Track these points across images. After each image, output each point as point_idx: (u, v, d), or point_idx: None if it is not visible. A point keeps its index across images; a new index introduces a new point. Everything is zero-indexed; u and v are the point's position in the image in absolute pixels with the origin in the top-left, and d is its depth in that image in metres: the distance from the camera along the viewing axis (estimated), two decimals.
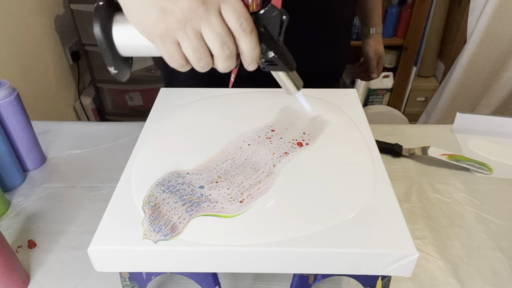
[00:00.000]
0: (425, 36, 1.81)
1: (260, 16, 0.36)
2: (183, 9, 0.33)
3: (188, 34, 0.34)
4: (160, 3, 0.34)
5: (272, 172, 0.42)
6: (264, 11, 0.36)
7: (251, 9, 0.36)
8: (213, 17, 0.34)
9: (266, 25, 0.37)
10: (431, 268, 0.50)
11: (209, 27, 0.34)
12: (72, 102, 1.67)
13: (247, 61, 0.37)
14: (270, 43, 0.38)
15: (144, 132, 0.49)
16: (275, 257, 0.35)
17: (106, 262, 0.36)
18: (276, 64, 0.39)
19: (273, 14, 0.36)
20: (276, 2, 0.36)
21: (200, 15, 0.34)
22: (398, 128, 0.75)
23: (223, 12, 0.34)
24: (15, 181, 0.61)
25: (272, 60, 0.38)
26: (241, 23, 0.35)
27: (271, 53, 0.38)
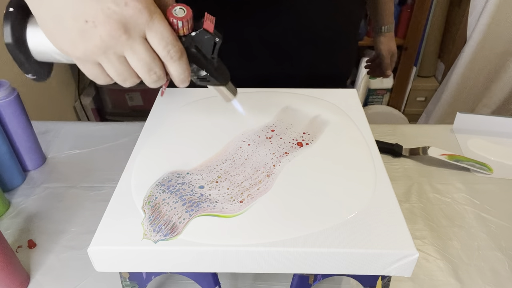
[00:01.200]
0: (425, 36, 1.81)
1: (192, 37, 0.35)
2: (102, 37, 0.30)
3: (110, 59, 0.32)
4: (77, 26, 0.30)
5: (272, 172, 0.42)
6: (196, 34, 0.35)
7: (181, 32, 0.34)
8: (137, 44, 0.31)
9: (198, 46, 0.36)
10: (431, 268, 0.50)
11: (134, 54, 0.32)
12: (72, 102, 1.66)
13: (177, 82, 0.36)
14: (202, 63, 0.37)
15: (144, 132, 0.49)
16: (275, 257, 0.35)
17: (106, 262, 0.36)
18: (208, 80, 0.39)
19: (205, 37, 0.35)
20: (208, 26, 0.35)
21: (123, 43, 0.31)
22: (398, 128, 0.75)
23: (149, 39, 0.32)
24: (15, 181, 0.61)
25: (205, 77, 0.38)
26: (169, 50, 0.33)
27: (203, 72, 0.37)
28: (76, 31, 0.30)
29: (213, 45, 0.36)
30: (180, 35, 0.34)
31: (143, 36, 0.32)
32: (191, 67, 0.36)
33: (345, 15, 0.70)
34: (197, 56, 0.36)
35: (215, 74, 0.38)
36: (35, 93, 1.36)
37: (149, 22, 0.31)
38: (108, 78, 0.34)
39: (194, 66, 0.37)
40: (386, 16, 0.88)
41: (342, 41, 0.73)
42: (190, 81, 0.37)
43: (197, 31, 0.35)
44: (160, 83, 0.35)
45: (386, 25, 0.89)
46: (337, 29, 0.70)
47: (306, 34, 0.68)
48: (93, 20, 0.30)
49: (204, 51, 0.36)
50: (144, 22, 0.31)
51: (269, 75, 0.70)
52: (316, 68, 0.73)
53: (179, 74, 0.35)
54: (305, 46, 0.69)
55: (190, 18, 0.34)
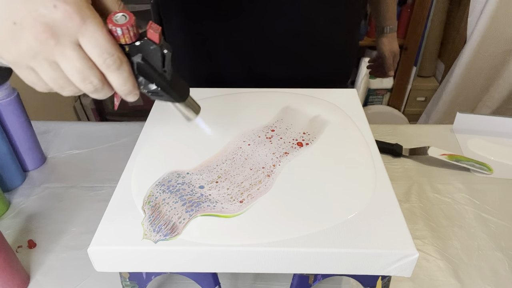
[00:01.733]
0: (425, 36, 1.81)
1: (137, 47, 0.32)
2: (29, 40, 0.28)
3: (41, 65, 0.30)
4: (8, 28, 0.28)
5: (272, 172, 0.42)
6: (141, 43, 0.32)
7: (122, 41, 0.31)
8: (69, 50, 0.29)
9: (145, 57, 0.33)
10: (431, 268, 0.50)
11: (66, 61, 0.29)
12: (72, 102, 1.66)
13: (121, 95, 0.33)
14: (151, 76, 0.34)
15: (144, 132, 0.49)
16: (275, 257, 0.35)
17: (106, 262, 0.36)
18: (161, 95, 0.36)
19: (150, 48, 0.32)
20: (153, 36, 0.32)
21: (51, 48, 0.28)
22: (398, 128, 0.75)
23: (82, 46, 0.29)
24: (15, 181, 0.61)
25: (156, 92, 0.35)
26: (105, 59, 0.30)
27: (153, 86, 0.34)
28: (6, 33, 0.29)
29: (161, 57, 0.33)
30: (122, 43, 0.32)
31: (76, 42, 0.29)
32: (138, 80, 0.34)
33: (345, 15, 0.70)
34: (145, 68, 0.33)
35: (167, 88, 0.35)
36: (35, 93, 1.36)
37: (81, 27, 0.29)
38: (46, 85, 0.32)
39: (142, 79, 0.34)
40: (389, 17, 0.88)
41: (342, 41, 0.73)
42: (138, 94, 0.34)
43: (141, 41, 0.32)
44: (103, 93, 0.33)
45: (388, 26, 0.89)
46: (337, 29, 0.70)
47: (306, 34, 0.68)
48: (20, 23, 0.28)
49: (153, 63, 0.33)
50: (75, 27, 0.28)
51: (269, 75, 0.70)
52: (316, 68, 0.73)
53: (119, 85, 0.32)
54: (305, 46, 0.69)
55: (132, 26, 0.31)
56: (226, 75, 0.73)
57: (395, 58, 0.93)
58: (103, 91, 0.32)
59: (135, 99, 0.34)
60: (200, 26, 0.68)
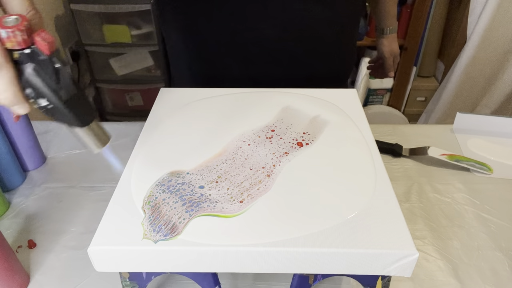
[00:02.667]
0: (425, 36, 1.81)
1: (26, 55, 0.30)
2: None
3: None
4: None
5: (272, 172, 0.42)
6: (31, 51, 0.30)
7: (8, 45, 0.29)
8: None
9: (36, 68, 0.30)
10: (431, 268, 0.50)
11: None
12: None
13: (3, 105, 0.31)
14: (40, 90, 0.31)
15: (144, 132, 0.49)
16: (275, 257, 0.35)
17: (106, 262, 0.36)
18: (54, 115, 0.32)
19: (39, 58, 0.30)
20: (41, 45, 0.30)
21: None
22: (398, 128, 0.75)
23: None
24: (15, 181, 0.61)
25: (48, 109, 0.32)
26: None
27: (43, 101, 0.31)
28: None
29: (53, 71, 0.30)
30: (7, 48, 0.29)
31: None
32: (26, 91, 0.31)
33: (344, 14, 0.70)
34: (33, 80, 0.30)
35: (61, 108, 0.31)
36: None
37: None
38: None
39: (30, 91, 0.31)
40: (389, 18, 0.88)
41: (342, 41, 0.73)
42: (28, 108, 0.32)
43: (31, 48, 0.30)
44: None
45: (388, 27, 0.89)
46: (337, 28, 0.70)
47: (306, 33, 0.68)
48: None
49: (47, 76, 0.31)
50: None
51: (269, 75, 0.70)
52: (315, 68, 0.73)
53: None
54: (304, 45, 0.70)
55: (20, 30, 0.29)
56: (225, 75, 0.73)
57: (395, 59, 0.93)
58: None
59: (25, 112, 0.32)
60: (198, 27, 0.68)
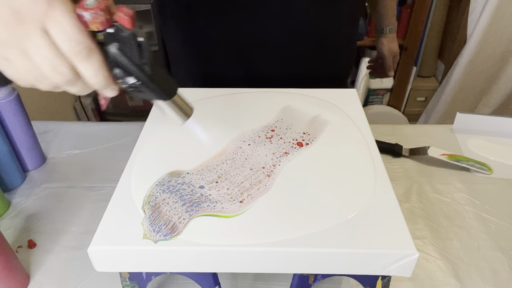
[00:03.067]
0: (425, 36, 1.81)
1: (111, 35, 0.30)
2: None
3: (13, 53, 0.29)
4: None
5: (272, 172, 0.42)
6: (114, 30, 0.30)
7: (93, 27, 0.29)
8: (37, 37, 0.28)
9: (121, 47, 0.30)
10: (431, 268, 0.50)
11: (34, 49, 0.28)
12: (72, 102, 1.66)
13: (94, 88, 0.31)
14: (128, 68, 0.31)
15: (144, 132, 0.49)
16: (275, 257, 0.35)
17: (106, 262, 0.36)
18: (141, 91, 0.33)
19: (123, 35, 0.30)
20: (124, 20, 0.29)
21: (19, 35, 0.28)
22: (398, 128, 0.75)
23: (50, 32, 0.28)
24: (15, 181, 0.61)
25: (136, 86, 0.32)
26: (71, 46, 0.28)
27: (131, 79, 0.31)
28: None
29: (137, 46, 0.30)
30: (93, 30, 0.29)
31: (44, 28, 0.28)
32: (114, 72, 0.31)
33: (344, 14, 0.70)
34: (120, 59, 0.30)
35: (148, 83, 0.32)
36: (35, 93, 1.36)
37: (47, 11, 0.27)
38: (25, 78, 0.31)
39: (118, 71, 0.31)
40: (389, 18, 0.88)
41: (341, 41, 0.73)
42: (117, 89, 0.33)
43: (113, 27, 0.29)
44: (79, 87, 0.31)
45: (388, 26, 0.89)
46: (336, 28, 0.70)
47: (306, 33, 0.68)
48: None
49: (130, 53, 0.31)
50: (42, 12, 0.27)
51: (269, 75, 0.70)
52: (315, 68, 0.73)
53: (90, 77, 0.30)
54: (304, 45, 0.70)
55: (102, 10, 0.28)
56: (225, 75, 0.73)
57: (395, 59, 0.93)
58: (77, 84, 0.31)
59: (114, 94, 0.32)
60: (198, 26, 0.68)
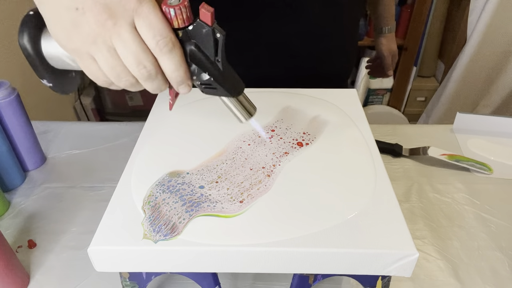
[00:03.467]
0: (425, 36, 1.81)
1: (190, 32, 0.32)
2: (90, 23, 0.29)
3: (100, 49, 0.31)
4: (70, 16, 0.30)
5: (272, 172, 0.42)
6: (193, 27, 0.31)
7: (175, 24, 0.31)
8: (125, 32, 0.30)
9: (198, 43, 0.32)
10: (431, 268, 0.50)
11: (121, 43, 0.30)
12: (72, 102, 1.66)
13: (173, 82, 0.33)
14: (203, 64, 0.33)
15: (144, 132, 0.49)
16: (275, 257, 0.35)
17: (106, 262, 0.36)
18: (214, 88, 0.34)
19: (203, 31, 0.31)
20: (205, 17, 0.31)
21: (109, 30, 0.30)
22: (398, 128, 0.75)
23: (137, 27, 0.30)
24: (15, 181, 0.61)
25: (209, 83, 0.34)
26: (158, 41, 0.30)
27: (205, 76, 0.33)
28: (69, 21, 0.30)
29: (214, 43, 0.32)
30: (175, 27, 0.31)
31: (132, 24, 0.30)
32: (190, 68, 0.33)
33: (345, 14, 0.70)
34: (197, 56, 0.32)
35: (220, 79, 0.34)
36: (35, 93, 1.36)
37: (137, 8, 0.29)
38: (105, 75, 0.33)
39: (194, 67, 0.33)
40: (387, 17, 0.88)
41: (342, 41, 0.73)
42: (191, 86, 0.34)
43: (194, 24, 0.31)
44: (157, 83, 0.33)
45: (387, 26, 0.89)
46: (337, 28, 0.70)
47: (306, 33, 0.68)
48: (82, 7, 0.29)
49: (206, 50, 0.32)
50: (132, 8, 0.29)
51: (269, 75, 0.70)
52: (316, 68, 0.73)
53: (171, 71, 0.32)
54: (304, 45, 0.69)
55: (185, 7, 0.30)
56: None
57: (393, 58, 0.93)
58: (157, 79, 0.32)
59: (188, 90, 0.34)
60: None
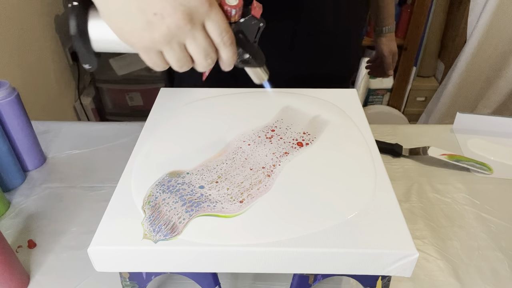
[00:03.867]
0: (425, 36, 1.81)
1: (240, 24, 0.39)
2: (170, 26, 0.33)
3: (173, 47, 0.35)
4: (145, 18, 0.33)
5: (272, 172, 0.42)
6: (245, 20, 0.39)
7: (232, 19, 0.38)
8: (198, 32, 0.35)
9: (244, 31, 0.40)
10: (431, 268, 0.50)
11: (194, 42, 0.35)
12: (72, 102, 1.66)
13: (225, 66, 0.40)
14: (247, 47, 0.41)
15: (144, 132, 0.49)
16: (275, 257, 0.35)
17: (106, 262, 0.36)
18: (250, 63, 0.42)
19: (252, 23, 0.39)
20: (256, 13, 0.39)
21: (186, 32, 0.34)
22: (398, 128, 0.75)
23: (207, 27, 0.35)
24: (15, 181, 0.61)
25: (247, 60, 0.42)
26: (223, 37, 0.36)
27: (247, 55, 0.41)
28: (142, 23, 0.33)
29: (257, 30, 0.40)
30: (230, 22, 0.38)
31: (203, 25, 0.35)
32: (237, 51, 0.39)
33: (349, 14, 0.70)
34: (243, 41, 0.40)
35: (256, 56, 0.42)
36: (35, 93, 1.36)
37: (208, 12, 0.34)
38: (166, 64, 0.37)
39: (240, 50, 0.40)
40: (387, 17, 0.88)
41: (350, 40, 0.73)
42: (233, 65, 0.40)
43: (245, 18, 0.39)
44: (209, 66, 0.39)
45: (387, 26, 0.89)
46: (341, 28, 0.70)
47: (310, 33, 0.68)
48: (161, 12, 0.33)
49: (249, 36, 0.40)
50: (205, 12, 0.34)
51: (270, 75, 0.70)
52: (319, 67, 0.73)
53: (228, 58, 0.38)
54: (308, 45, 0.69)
55: (241, 7, 0.37)
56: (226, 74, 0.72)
57: (393, 58, 0.93)
58: (212, 64, 0.38)
59: (231, 69, 0.40)
60: None
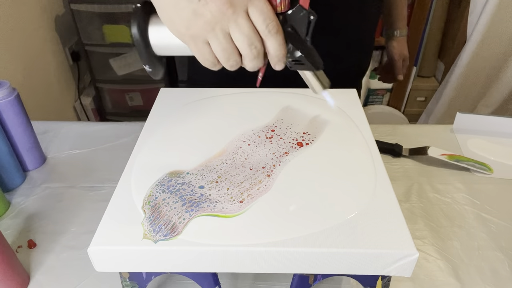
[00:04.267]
0: (425, 36, 1.81)
1: (288, 16, 0.37)
2: (212, 11, 0.34)
3: (217, 35, 0.36)
4: (191, 6, 0.35)
5: (272, 172, 0.42)
6: (292, 11, 0.37)
7: (279, 9, 0.37)
8: (241, 18, 0.35)
9: (293, 25, 0.38)
10: (431, 268, 0.50)
11: (237, 28, 0.35)
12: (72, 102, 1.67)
13: (274, 60, 0.38)
14: (297, 43, 0.38)
15: (144, 132, 0.49)
16: (275, 257, 0.35)
17: (106, 262, 0.36)
18: (303, 64, 0.40)
19: (300, 14, 0.37)
20: (304, 2, 0.37)
21: (229, 17, 0.35)
22: (398, 128, 0.75)
23: (250, 14, 0.35)
24: (15, 181, 0.61)
25: (299, 59, 0.39)
26: (267, 24, 0.36)
27: (298, 53, 0.38)
28: (189, 11, 0.35)
29: (307, 24, 0.38)
30: (277, 12, 0.37)
31: (246, 11, 0.35)
32: (287, 47, 0.38)
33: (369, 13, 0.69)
34: (293, 35, 0.38)
35: (309, 56, 0.39)
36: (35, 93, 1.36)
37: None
38: (214, 57, 0.38)
39: (289, 46, 0.38)
40: (400, 21, 0.87)
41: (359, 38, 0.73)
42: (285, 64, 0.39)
43: (293, 8, 0.37)
44: (258, 61, 0.38)
45: (398, 30, 0.88)
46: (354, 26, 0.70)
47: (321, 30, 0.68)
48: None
49: (299, 31, 0.38)
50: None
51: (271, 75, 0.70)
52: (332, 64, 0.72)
53: (275, 49, 0.37)
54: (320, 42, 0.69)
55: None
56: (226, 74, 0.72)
57: (404, 62, 0.91)
58: (259, 58, 0.38)
59: (283, 67, 0.39)
60: None
